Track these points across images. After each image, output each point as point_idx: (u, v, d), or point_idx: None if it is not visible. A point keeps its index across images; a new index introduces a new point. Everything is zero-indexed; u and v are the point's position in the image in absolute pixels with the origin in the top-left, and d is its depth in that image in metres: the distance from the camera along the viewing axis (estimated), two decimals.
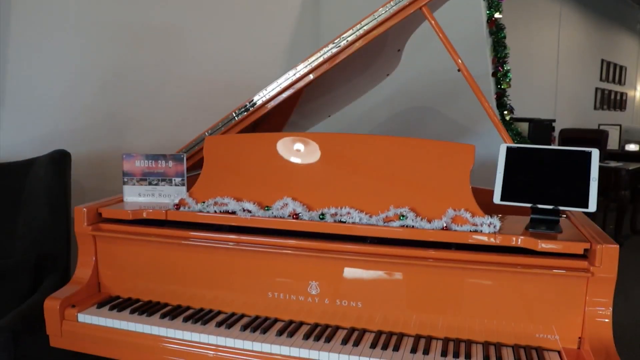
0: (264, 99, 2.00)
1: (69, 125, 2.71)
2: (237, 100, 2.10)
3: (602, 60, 9.69)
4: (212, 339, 1.54)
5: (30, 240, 2.34)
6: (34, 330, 1.80)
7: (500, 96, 3.29)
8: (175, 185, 1.87)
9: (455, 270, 1.49)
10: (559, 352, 1.45)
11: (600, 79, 9.72)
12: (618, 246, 1.39)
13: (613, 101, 10.30)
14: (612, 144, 6.45)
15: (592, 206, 1.49)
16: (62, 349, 1.73)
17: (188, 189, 1.84)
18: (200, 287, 1.71)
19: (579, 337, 1.44)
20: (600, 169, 1.53)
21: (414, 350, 1.45)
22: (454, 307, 1.51)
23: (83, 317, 1.68)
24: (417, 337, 1.52)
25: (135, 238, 1.74)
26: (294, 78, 1.96)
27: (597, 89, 9.61)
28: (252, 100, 2.02)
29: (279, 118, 2.32)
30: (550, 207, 1.52)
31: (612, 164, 5.52)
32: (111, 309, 1.71)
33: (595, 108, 9.65)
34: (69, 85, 2.68)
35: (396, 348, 1.46)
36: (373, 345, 1.47)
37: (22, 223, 2.38)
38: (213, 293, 1.71)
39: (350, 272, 1.57)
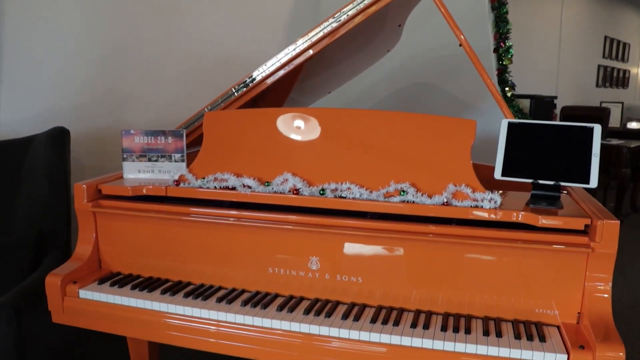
0: (263, 74, 1.99)
1: (67, 102, 2.69)
2: (236, 76, 2.08)
3: (605, 37, 9.59)
4: (213, 315, 1.55)
5: (30, 217, 2.34)
6: (36, 306, 1.81)
7: (502, 72, 3.27)
8: (175, 161, 1.86)
9: (456, 245, 1.49)
10: (558, 327, 1.46)
11: (603, 56, 9.63)
12: (619, 222, 1.38)
13: (615, 78, 10.22)
14: (614, 121, 6.43)
15: (593, 182, 1.49)
16: (65, 324, 1.74)
17: (188, 166, 1.83)
18: (201, 263, 1.72)
19: (578, 313, 1.44)
20: (602, 146, 1.52)
21: (414, 325, 1.45)
22: (454, 283, 1.52)
23: (84, 294, 1.69)
24: (417, 312, 1.53)
25: (136, 214, 1.74)
26: (294, 53, 1.94)
27: (599, 66, 9.53)
28: (252, 76, 2.00)
29: (278, 95, 2.31)
30: (551, 182, 1.52)
31: (614, 141, 5.51)
32: (112, 285, 1.71)
33: (597, 85, 9.58)
34: (67, 62, 2.66)
35: (396, 323, 1.46)
36: (373, 320, 1.48)
37: (22, 200, 2.38)
38: (213, 269, 1.71)
39: (350, 248, 1.57)
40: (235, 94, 2.02)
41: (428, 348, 1.39)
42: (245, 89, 2.01)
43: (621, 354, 1.27)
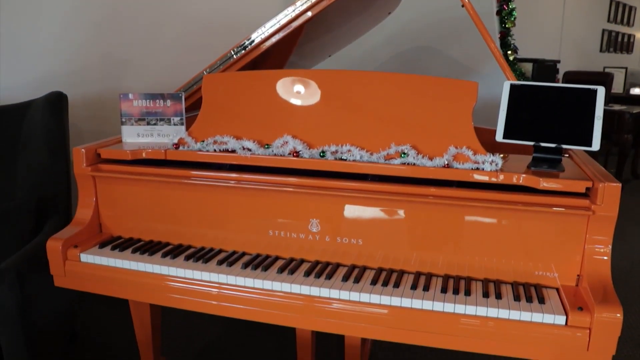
0: (262, 36, 1.95)
1: (64, 67, 2.66)
2: (236, 39, 2.04)
3: (611, 0, 9.41)
4: (214, 277, 1.55)
5: (30, 183, 2.33)
6: (38, 271, 1.82)
7: (505, 35, 3.22)
8: (174, 124, 1.84)
9: (456, 207, 1.49)
10: (557, 289, 1.46)
11: (608, 20, 9.46)
12: (620, 184, 1.38)
13: (620, 43, 10.06)
14: (617, 87, 6.37)
15: (596, 145, 1.47)
16: (67, 288, 1.76)
17: (187, 129, 1.81)
18: (201, 227, 1.72)
19: (578, 275, 1.45)
20: (604, 112, 1.50)
21: (414, 286, 1.46)
22: (455, 245, 1.52)
23: (85, 257, 1.70)
24: (418, 274, 1.53)
25: (135, 178, 1.73)
26: (293, 15, 1.91)
27: (604, 30, 9.37)
28: (250, 38, 1.97)
29: (278, 58, 2.27)
30: (553, 145, 1.51)
31: (616, 107, 5.47)
32: (113, 248, 1.72)
33: (601, 50, 9.44)
34: (63, 26, 2.62)
35: (396, 285, 1.47)
36: (374, 282, 1.48)
37: (22, 166, 2.38)
38: (214, 232, 1.71)
39: (350, 210, 1.56)
40: (234, 56, 1.99)
41: (428, 309, 1.40)
42: (243, 51, 1.98)
43: (618, 315, 1.28)
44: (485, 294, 1.42)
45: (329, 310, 1.46)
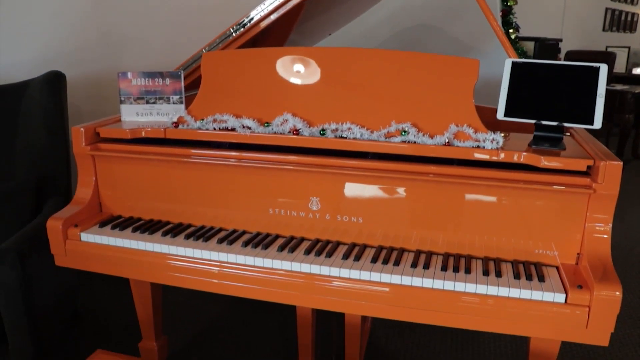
0: (262, 13, 1.93)
1: (62, 46, 2.64)
2: (235, 17, 2.02)
3: None
4: (214, 255, 1.55)
5: (29, 162, 2.33)
6: (39, 250, 1.82)
7: (506, 14, 3.17)
8: (173, 103, 1.83)
9: (457, 185, 1.48)
10: (557, 267, 1.47)
11: None
12: (622, 163, 1.37)
13: (623, 22, 9.95)
14: (619, 67, 6.33)
15: (597, 123, 1.46)
16: (68, 267, 1.76)
17: (186, 107, 1.80)
18: (201, 205, 1.72)
19: (578, 253, 1.45)
20: (606, 91, 1.49)
21: (414, 264, 1.46)
22: (455, 223, 1.52)
23: (86, 236, 1.70)
24: (418, 252, 1.53)
25: (135, 157, 1.73)
26: None
27: (607, 9, 9.27)
28: (250, 16, 1.94)
29: (278, 37, 2.25)
30: (554, 123, 1.50)
31: (618, 87, 5.44)
32: (113, 228, 1.72)
33: (604, 29, 9.34)
34: (60, 4, 2.59)
35: (397, 263, 1.47)
36: (374, 260, 1.48)
37: (21, 146, 2.37)
38: (214, 211, 1.71)
39: (351, 188, 1.56)
40: (234, 34, 1.97)
41: (428, 287, 1.40)
42: (243, 29, 1.95)
43: (618, 293, 1.28)
44: (485, 272, 1.42)
45: (330, 288, 1.46)
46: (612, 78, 5.78)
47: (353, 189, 1.56)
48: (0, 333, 1.83)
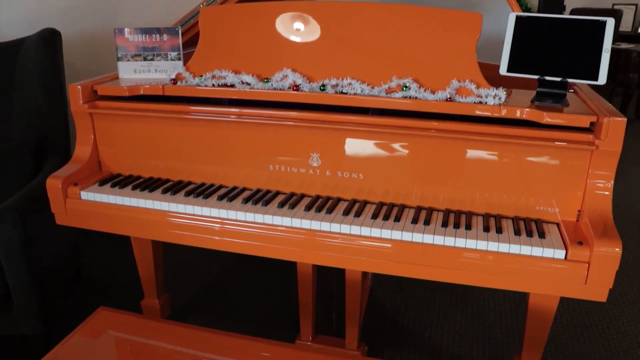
0: None
1: (56, 3, 2.58)
2: None
3: None
4: (214, 212, 1.55)
5: (27, 123, 2.31)
6: (40, 210, 1.82)
7: None
8: (172, 60, 1.80)
9: (458, 141, 1.47)
10: (557, 224, 1.47)
11: None
12: (625, 119, 1.36)
13: None
14: (626, 25, 6.22)
15: (602, 78, 1.44)
16: (69, 226, 1.76)
17: (185, 64, 1.77)
18: (201, 163, 1.71)
19: (579, 210, 1.45)
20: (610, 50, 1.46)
21: (415, 220, 1.46)
22: (456, 179, 1.51)
23: (86, 195, 1.69)
24: (419, 209, 1.53)
25: (133, 114, 1.71)
26: None
27: None
28: None
29: None
30: (558, 79, 1.47)
31: (624, 45, 5.36)
32: (113, 186, 1.71)
33: None
34: None
35: (397, 219, 1.47)
36: (374, 216, 1.48)
37: (18, 106, 2.35)
38: (213, 168, 1.70)
39: (351, 144, 1.55)
40: None
41: (428, 243, 1.41)
42: None
43: (617, 249, 1.28)
44: (486, 229, 1.42)
45: (330, 244, 1.46)
46: (617, 36, 5.68)
47: (353, 145, 1.55)
48: (5, 292, 1.85)
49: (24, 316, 1.86)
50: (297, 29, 1.64)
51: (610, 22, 1.46)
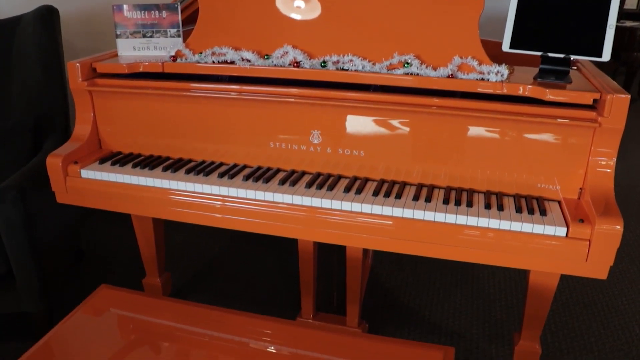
0: None
1: None
2: None
3: None
4: (215, 190, 1.55)
5: (26, 101, 2.30)
6: (40, 188, 1.82)
7: None
8: (171, 36, 1.78)
9: (460, 118, 1.46)
10: (559, 202, 1.46)
11: None
12: (629, 96, 1.35)
13: None
14: (631, 2, 6.15)
15: (606, 55, 1.42)
16: (70, 204, 1.76)
17: (184, 41, 1.75)
18: (201, 140, 1.70)
19: (580, 188, 1.44)
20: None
21: (416, 198, 1.46)
22: (457, 157, 1.50)
23: (86, 173, 1.69)
24: (420, 186, 1.53)
25: (133, 92, 1.70)
26: None
27: None
28: None
29: None
30: (561, 55, 1.46)
31: (628, 23, 5.30)
32: (113, 164, 1.71)
33: None
34: None
35: (398, 196, 1.47)
36: (375, 193, 1.48)
37: (16, 84, 2.33)
38: (214, 146, 1.70)
39: (352, 121, 1.54)
40: None
41: (429, 220, 1.41)
42: None
43: (618, 227, 1.28)
44: (487, 206, 1.42)
45: (331, 221, 1.46)
46: (622, 14, 5.62)
47: (354, 122, 1.54)
48: (8, 270, 1.86)
49: (26, 294, 1.88)
50: (297, 5, 1.62)
51: None
